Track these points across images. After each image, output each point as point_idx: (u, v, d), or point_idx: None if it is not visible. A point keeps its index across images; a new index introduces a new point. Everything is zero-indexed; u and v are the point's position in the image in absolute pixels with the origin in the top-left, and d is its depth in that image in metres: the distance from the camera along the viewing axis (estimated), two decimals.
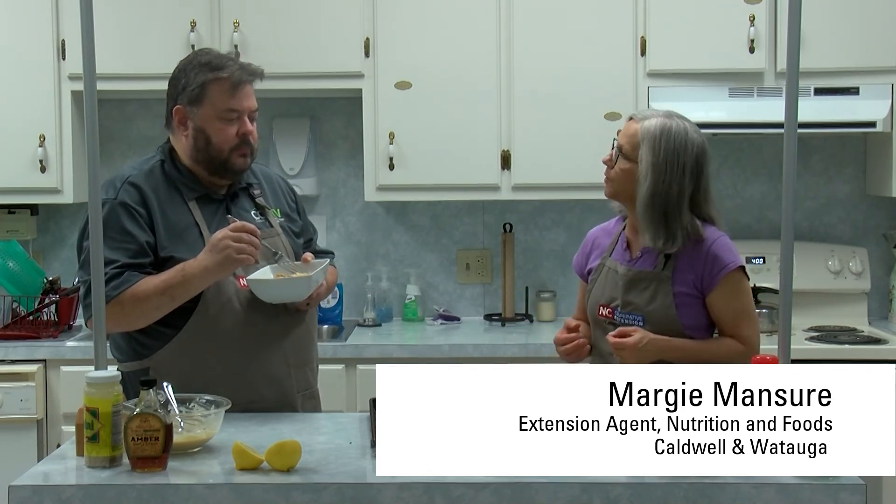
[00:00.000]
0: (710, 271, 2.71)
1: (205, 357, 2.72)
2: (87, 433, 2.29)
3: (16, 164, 4.19)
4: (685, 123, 2.74)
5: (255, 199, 2.90)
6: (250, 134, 2.80)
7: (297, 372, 2.84)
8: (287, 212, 2.98)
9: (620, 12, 4.13)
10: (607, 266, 2.84)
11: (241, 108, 2.78)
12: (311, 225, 3.12)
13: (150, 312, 2.67)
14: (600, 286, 2.84)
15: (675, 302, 2.71)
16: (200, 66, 2.79)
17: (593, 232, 2.97)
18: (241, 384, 2.73)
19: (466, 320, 4.50)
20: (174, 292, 2.65)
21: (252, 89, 2.83)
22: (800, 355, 3.47)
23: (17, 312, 4.18)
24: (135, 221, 2.70)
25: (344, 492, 2.19)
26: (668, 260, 2.73)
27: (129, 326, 2.71)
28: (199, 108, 2.78)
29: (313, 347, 2.94)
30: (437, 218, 4.59)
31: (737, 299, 2.73)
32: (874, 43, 4.10)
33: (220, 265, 2.63)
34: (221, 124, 2.77)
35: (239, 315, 2.74)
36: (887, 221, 4.51)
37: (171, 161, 2.83)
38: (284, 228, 2.93)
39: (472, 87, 4.16)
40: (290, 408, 2.82)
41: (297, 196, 3.08)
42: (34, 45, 4.17)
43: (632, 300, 2.75)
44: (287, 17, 4.15)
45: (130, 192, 2.73)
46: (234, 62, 2.82)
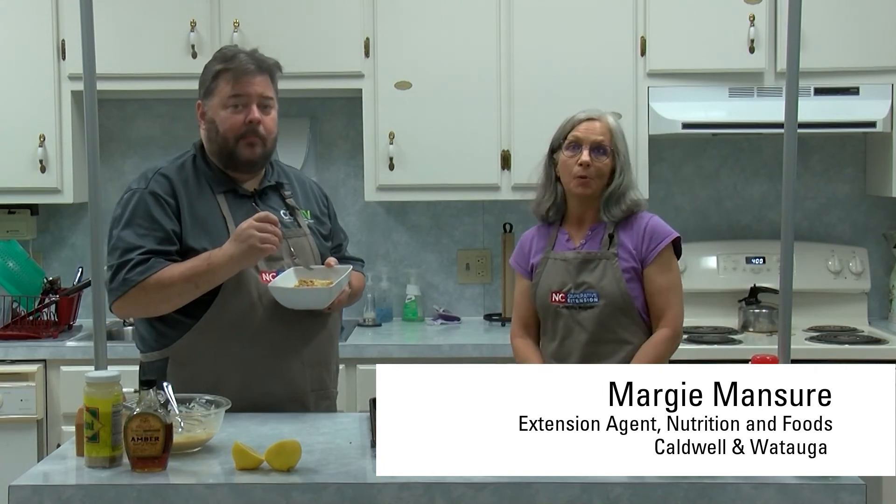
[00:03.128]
0: (648, 244, 2.97)
1: (219, 349, 2.74)
2: (87, 433, 2.29)
3: (16, 164, 4.19)
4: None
5: (285, 199, 2.92)
6: (258, 122, 2.80)
7: (311, 371, 2.85)
8: (317, 215, 3.00)
9: (620, 12, 4.13)
10: (552, 258, 3.04)
11: (246, 94, 2.79)
12: (343, 231, 3.15)
13: (173, 298, 2.70)
14: (548, 276, 3.03)
15: (624, 276, 2.95)
16: (215, 59, 2.87)
17: (528, 233, 3.17)
18: (253, 378, 2.76)
19: (466, 320, 4.50)
20: (198, 280, 2.68)
21: (265, 80, 2.83)
22: (800, 355, 3.46)
23: (17, 312, 4.18)
24: (162, 210, 2.75)
25: (344, 492, 2.19)
26: (612, 240, 2.98)
27: (152, 312, 2.76)
28: (211, 99, 2.83)
29: (332, 350, 2.94)
30: (437, 218, 4.59)
31: (670, 272, 2.98)
32: (874, 43, 4.10)
33: (244, 254, 2.65)
34: (227, 112, 2.80)
35: (257, 309, 2.76)
36: (887, 221, 4.51)
37: (202, 156, 2.88)
38: (313, 230, 2.95)
39: (472, 87, 4.16)
40: (302, 405, 2.83)
41: (329, 202, 3.11)
42: (34, 45, 4.17)
43: (585, 279, 2.97)
44: (287, 17, 4.15)
45: (161, 182, 2.79)
46: (246, 54, 2.85)
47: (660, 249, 2.96)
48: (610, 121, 3.01)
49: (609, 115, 3.04)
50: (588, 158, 2.95)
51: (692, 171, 4.56)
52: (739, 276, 4.35)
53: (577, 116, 3.03)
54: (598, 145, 2.97)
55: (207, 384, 2.68)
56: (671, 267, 3.00)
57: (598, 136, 2.98)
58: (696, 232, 4.52)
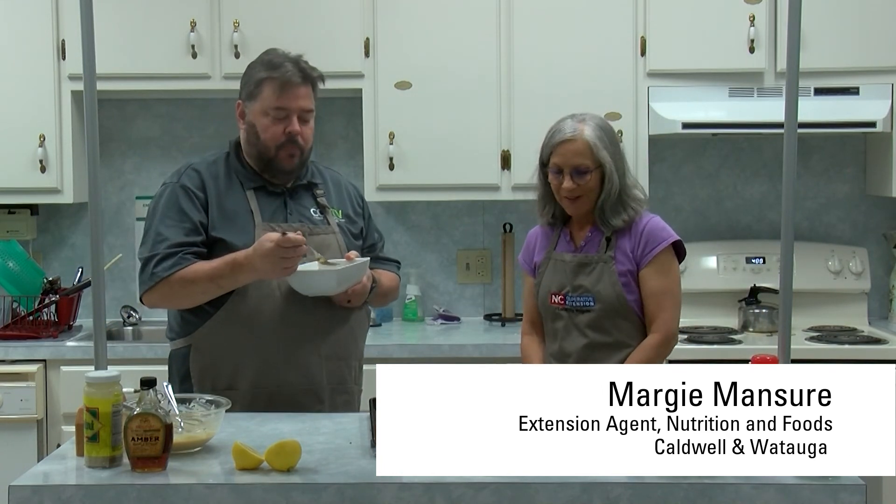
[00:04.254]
0: (644, 247, 2.92)
1: (238, 338, 2.81)
2: (87, 433, 2.29)
3: (16, 164, 4.19)
4: (594, 114, 3.00)
5: (316, 197, 2.97)
6: (298, 134, 2.87)
7: (330, 364, 2.88)
8: (349, 214, 3.05)
9: (620, 12, 4.13)
10: (553, 258, 3.03)
11: (289, 108, 2.86)
12: (378, 232, 3.18)
13: (195, 296, 2.79)
14: (549, 276, 3.02)
15: (620, 280, 2.91)
16: (261, 63, 2.92)
17: (535, 230, 3.15)
18: (270, 367, 2.81)
19: (466, 320, 4.50)
20: (221, 282, 2.76)
21: (308, 92, 2.90)
22: (800, 355, 3.46)
23: (17, 312, 4.18)
24: (191, 202, 2.83)
25: (344, 492, 2.19)
26: (610, 243, 2.94)
27: (174, 306, 2.86)
28: (253, 103, 2.89)
29: (354, 346, 2.98)
30: (437, 218, 4.59)
31: (666, 276, 2.93)
32: (874, 43, 4.10)
33: (266, 273, 2.72)
34: (269, 121, 2.86)
35: (278, 301, 2.82)
36: (887, 221, 4.51)
37: (236, 154, 2.95)
38: (343, 228, 2.99)
39: (472, 87, 4.16)
40: (317, 398, 2.86)
41: (364, 203, 3.16)
42: (34, 45, 4.17)
43: (581, 283, 2.95)
44: (287, 17, 4.15)
45: (192, 176, 2.88)
46: (294, 63, 2.89)
47: (655, 253, 2.92)
48: (587, 134, 2.89)
49: (588, 126, 2.91)
50: (571, 184, 2.91)
51: (692, 171, 4.56)
52: (739, 276, 4.35)
53: (556, 135, 2.94)
54: (578, 168, 2.90)
55: (226, 372, 2.80)
56: (667, 271, 2.93)
57: (577, 158, 2.89)
58: (696, 232, 4.52)
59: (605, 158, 2.90)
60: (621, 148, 3.00)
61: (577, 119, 2.94)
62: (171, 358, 2.92)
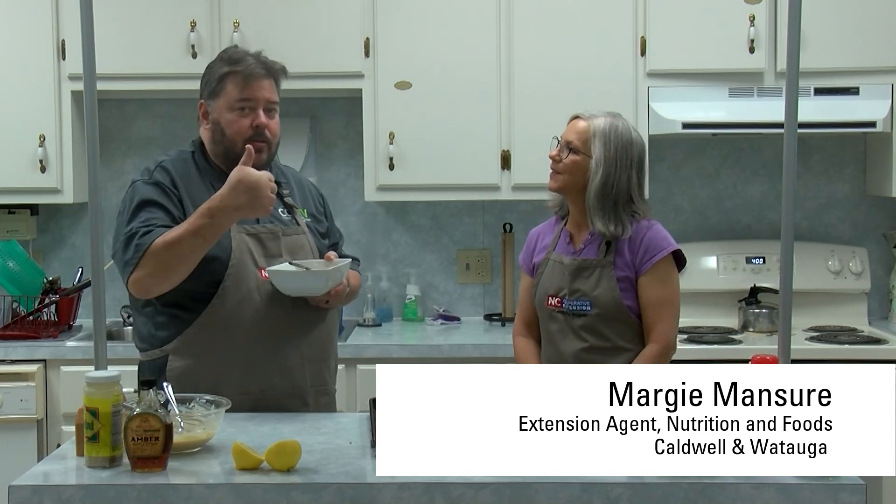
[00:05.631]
0: (643, 255, 2.91)
1: (219, 344, 2.74)
2: (87, 433, 2.29)
3: (16, 164, 4.19)
4: (628, 123, 2.99)
5: (283, 197, 2.93)
6: (265, 127, 2.82)
7: (312, 366, 2.86)
8: (314, 213, 3.03)
9: (620, 12, 4.13)
10: (552, 259, 3.02)
11: (255, 98, 2.82)
12: (338, 231, 3.17)
13: (185, 255, 2.64)
14: (547, 278, 3.02)
15: (619, 286, 2.90)
16: (222, 60, 2.89)
17: (536, 230, 3.16)
18: (254, 372, 2.77)
19: (466, 320, 4.50)
20: (205, 232, 2.63)
21: (272, 84, 2.86)
22: (800, 355, 3.46)
23: (17, 312, 4.18)
24: (166, 196, 2.77)
25: (344, 492, 2.19)
26: (609, 248, 2.93)
27: (168, 277, 2.67)
28: (217, 100, 2.85)
29: (332, 346, 2.96)
30: (437, 218, 4.59)
31: (665, 285, 2.92)
32: (874, 43, 4.10)
33: (250, 206, 2.63)
34: (234, 115, 2.82)
35: (258, 305, 2.77)
36: (887, 221, 4.51)
37: (201, 153, 2.90)
38: (311, 228, 2.97)
39: (472, 87, 4.16)
40: (301, 401, 2.84)
41: (325, 201, 3.13)
42: (34, 45, 4.17)
43: (579, 287, 2.94)
44: (287, 17, 4.15)
45: (162, 173, 2.81)
46: (254, 57, 2.86)
47: (655, 261, 2.90)
48: (594, 123, 2.94)
49: (600, 118, 2.96)
50: (555, 152, 2.98)
51: (692, 171, 4.56)
52: (739, 276, 4.36)
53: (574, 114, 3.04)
54: (569, 143, 2.96)
55: (207, 380, 2.70)
56: (665, 280, 2.92)
57: (571, 134, 2.97)
58: (696, 232, 4.52)
59: (597, 152, 2.92)
60: (631, 162, 2.95)
61: (606, 113, 3.00)
62: (141, 369, 2.80)
